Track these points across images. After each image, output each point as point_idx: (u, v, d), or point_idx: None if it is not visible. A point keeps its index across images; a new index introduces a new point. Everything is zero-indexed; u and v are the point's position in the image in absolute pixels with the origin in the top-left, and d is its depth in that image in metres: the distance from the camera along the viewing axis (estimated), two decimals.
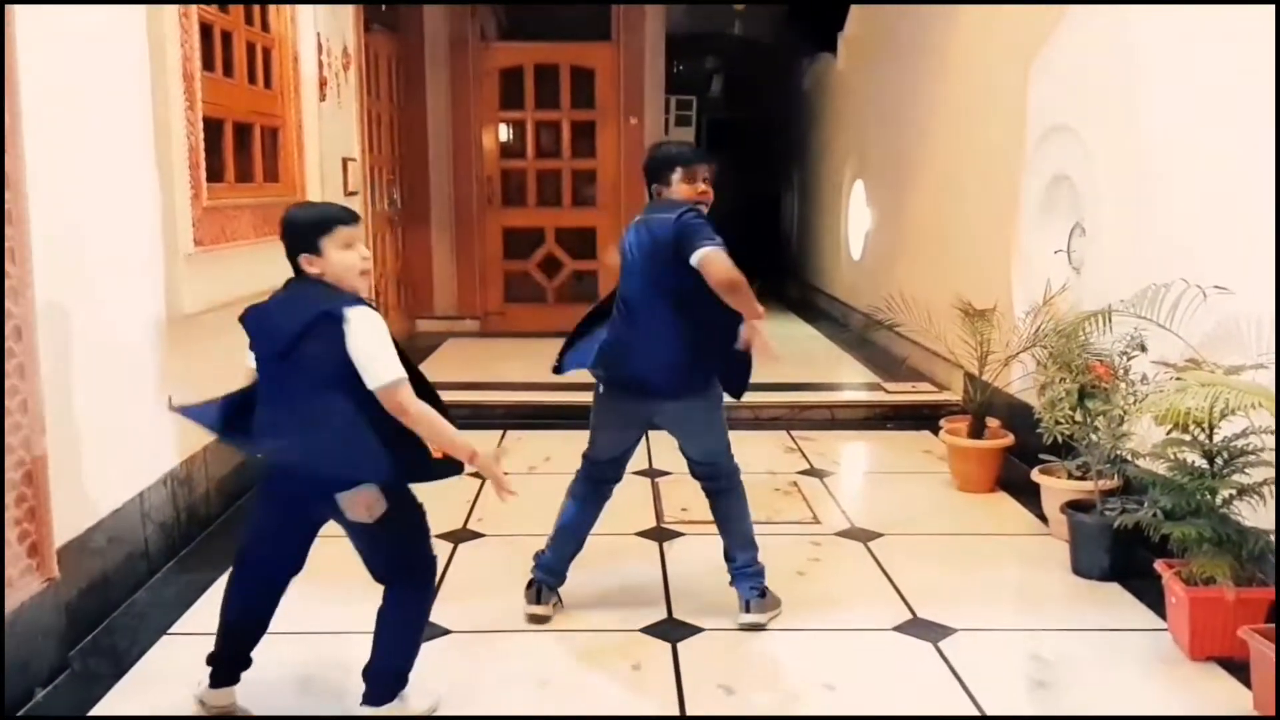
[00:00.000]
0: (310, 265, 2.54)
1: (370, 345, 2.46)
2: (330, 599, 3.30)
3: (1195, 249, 3.49)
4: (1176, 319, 3.32)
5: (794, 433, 5.50)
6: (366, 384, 2.45)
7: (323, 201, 2.72)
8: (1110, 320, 3.48)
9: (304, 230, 2.55)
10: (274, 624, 2.83)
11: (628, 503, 4.48)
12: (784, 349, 3.28)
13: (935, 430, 5.30)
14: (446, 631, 3.25)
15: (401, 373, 2.47)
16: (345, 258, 2.54)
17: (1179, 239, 3.62)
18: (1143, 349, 3.53)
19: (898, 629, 3.27)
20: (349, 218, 2.59)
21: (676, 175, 3.24)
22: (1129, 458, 3.56)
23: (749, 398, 5.70)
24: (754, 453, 5.19)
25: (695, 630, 3.26)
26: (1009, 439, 4.54)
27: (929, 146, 6.37)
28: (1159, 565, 3.19)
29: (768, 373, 3.42)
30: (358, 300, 2.53)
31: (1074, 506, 3.73)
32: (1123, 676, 2.96)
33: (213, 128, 4.20)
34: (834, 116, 9.21)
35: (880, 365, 6.68)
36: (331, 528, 2.67)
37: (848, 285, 8.04)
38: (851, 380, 6.44)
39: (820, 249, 9.55)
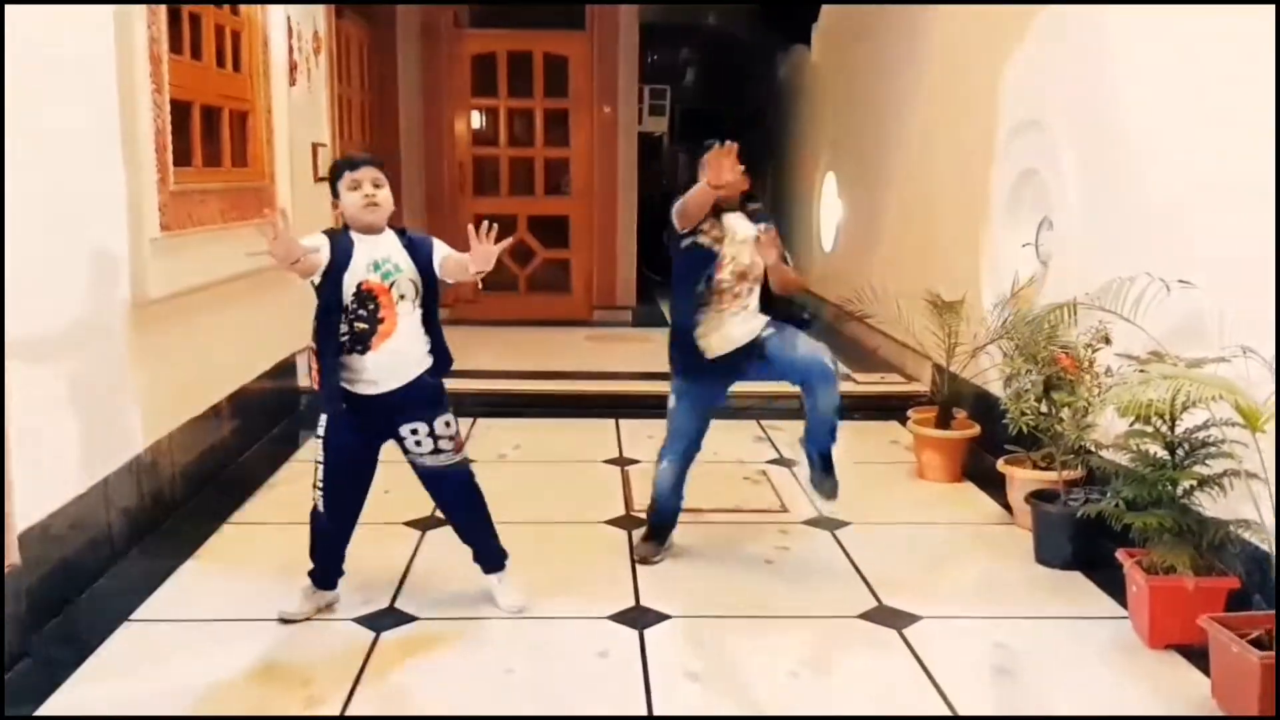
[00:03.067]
0: (334, 208, 3.10)
1: None
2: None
3: (1160, 243, 3.52)
4: (1140, 312, 3.35)
5: (764, 422, 5.52)
6: None
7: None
8: (1076, 313, 3.50)
9: (331, 178, 3.11)
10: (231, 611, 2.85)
11: (596, 491, 4.50)
12: None
13: (903, 421, 5.33)
14: (412, 619, 3.25)
15: None
16: (352, 197, 3.02)
17: (1144, 233, 3.65)
18: (1107, 341, 3.56)
19: (863, 616, 3.29)
20: (354, 163, 3.09)
21: None
22: (1093, 449, 3.59)
23: None
24: (724, 441, 5.14)
25: (663, 617, 3.27)
26: (975, 429, 4.58)
27: (901, 139, 6.39)
28: (1120, 554, 3.22)
29: None
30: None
31: (1038, 496, 3.76)
32: (1084, 664, 3.00)
33: (180, 111, 4.15)
34: (807, 108, 9.22)
35: (850, 356, 6.69)
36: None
37: (819, 276, 8.05)
38: None
39: (792, 240, 9.55)
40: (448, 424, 3.18)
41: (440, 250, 3.11)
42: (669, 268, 3.63)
